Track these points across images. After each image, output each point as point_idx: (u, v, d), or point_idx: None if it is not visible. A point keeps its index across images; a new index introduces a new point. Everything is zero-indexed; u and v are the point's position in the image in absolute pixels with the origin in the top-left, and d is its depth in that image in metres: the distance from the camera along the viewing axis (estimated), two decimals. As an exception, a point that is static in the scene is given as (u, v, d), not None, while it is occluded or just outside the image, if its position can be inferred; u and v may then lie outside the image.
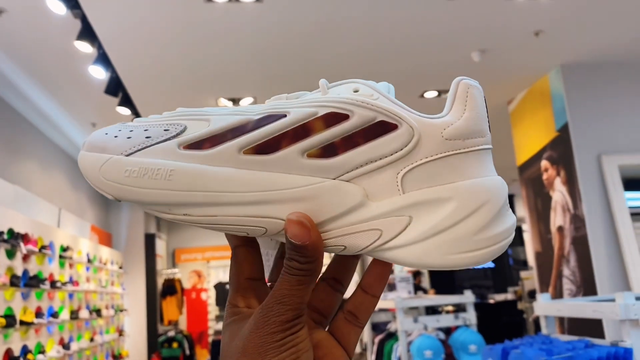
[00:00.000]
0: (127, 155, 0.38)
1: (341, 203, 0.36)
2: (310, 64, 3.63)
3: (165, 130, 0.39)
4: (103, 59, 3.31)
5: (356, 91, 0.38)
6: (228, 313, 0.40)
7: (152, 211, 0.39)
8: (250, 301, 0.40)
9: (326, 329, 0.42)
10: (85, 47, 3.14)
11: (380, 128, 0.36)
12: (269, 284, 0.43)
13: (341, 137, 0.36)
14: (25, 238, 3.52)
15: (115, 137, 0.39)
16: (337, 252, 0.38)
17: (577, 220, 3.56)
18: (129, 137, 0.39)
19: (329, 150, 0.36)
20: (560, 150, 3.76)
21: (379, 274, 0.40)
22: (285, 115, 0.37)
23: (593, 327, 3.24)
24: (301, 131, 0.36)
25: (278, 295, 0.36)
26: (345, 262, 0.42)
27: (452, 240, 0.35)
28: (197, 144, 0.38)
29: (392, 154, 0.36)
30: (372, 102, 0.37)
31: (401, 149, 0.36)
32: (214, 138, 0.37)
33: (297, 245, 0.35)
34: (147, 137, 0.39)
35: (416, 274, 7.28)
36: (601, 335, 3.08)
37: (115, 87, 3.63)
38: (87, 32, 3.01)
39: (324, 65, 3.66)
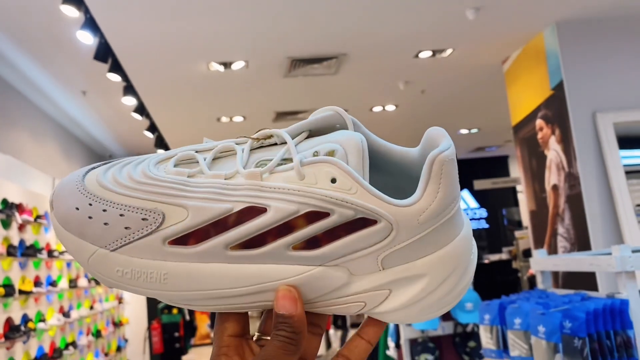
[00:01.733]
0: (112, 250, 0.40)
1: (328, 285, 0.39)
2: (302, 26, 3.57)
3: (143, 219, 0.39)
4: (91, 23, 3.23)
5: (334, 180, 0.38)
6: (217, 342, 0.42)
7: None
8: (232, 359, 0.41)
9: None
10: (71, 12, 3.06)
11: (360, 223, 0.38)
12: (255, 336, 0.44)
13: (323, 232, 0.38)
14: (19, 208, 3.50)
15: (90, 218, 0.40)
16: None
17: (572, 179, 3.58)
18: (105, 224, 0.40)
19: (312, 243, 0.38)
20: (555, 108, 3.74)
21: (376, 324, 0.43)
22: (265, 210, 0.38)
23: (587, 282, 3.29)
24: (284, 228, 0.38)
25: (264, 358, 0.38)
26: (360, 349, 0.44)
27: (426, 306, 0.41)
28: (182, 239, 0.39)
29: (372, 246, 0.38)
30: (351, 200, 0.38)
31: (380, 241, 0.38)
32: (198, 233, 0.39)
33: (285, 316, 0.38)
34: (126, 228, 0.39)
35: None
36: (595, 289, 3.13)
37: (104, 53, 3.56)
38: (73, -4, 2.93)
39: (316, 26, 3.60)
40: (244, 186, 0.39)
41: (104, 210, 0.40)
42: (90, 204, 0.40)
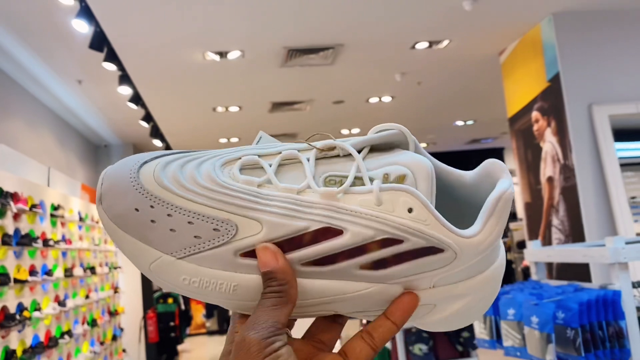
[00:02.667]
0: (180, 258, 0.39)
1: (385, 300, 0.42)
2: (299, 16, 3.55)
3: (215, 229, 0.39)
4: (86, 12, 3.21)
5: (410, 210, 0.39)
6: (228, 340, 0.42)
7: None
8: None
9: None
10: (66, 0, 3.04)
11: (428, 250, 0.40)
12: None
13: (392, 255, 0.40)
14: (14, 197, 3.49)
15: (153, 222, 0.39)
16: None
17: (567, 171, 3.59)
18: (172, 230, 0.39)
19: (380, 264, 0.40)
20: (551, 100, 3.75)
21: (404, 305, 0.42)
22: (342, 232, 0.39)
23: (580, 274, 3.31)
24: (357, 250, 0.39)
25: (254, 318, 0.38)
26: (328, 325, 0.45)
27: (461, 318, 0.45)
28: (255, 252, 0.39)
29: (434, 270, 0.41)
30: (425, 232, 0.39)
31: (442, 267, 0.41)
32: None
33: (267, 272, 0.38)
34: (195, 237, 0.39)
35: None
36: (589, 280, 3.15)
37: (99, 42, 3.54)
38: (68, -16, 2.91)
39: (313, 16, 3.58)
40: (319, 205, 0.39)
41: (169, 215, 0.39)
42: (152, 207, 0.39)
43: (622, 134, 3.64)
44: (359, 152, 0.42)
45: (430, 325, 0.45)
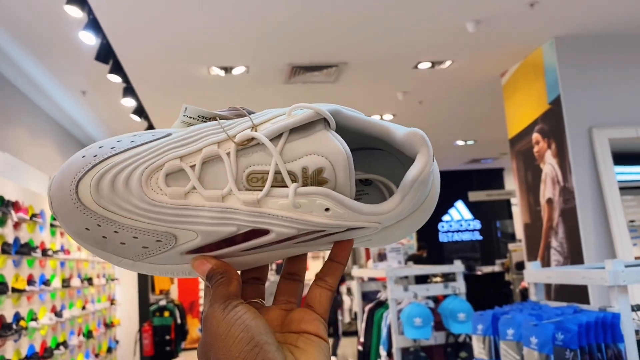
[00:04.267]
0: (137, 261, 0.45)
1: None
2: (303, 33, 3.60)
3: (157, 241, 0.44)
4: (93, 24, 3.25)
5: (327, 210, 0.42)
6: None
7: None
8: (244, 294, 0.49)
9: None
10: (75, 12, 3.08)
11: (350, 231, 0.45)
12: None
13: (320, 236, 0.45)
14: (15, 206, 3.50)
15: (104, 237, 0.44)
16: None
17: (567, 193, 3.60)
18: (122, 243, 0.44)
19: (311, 236, 0.45)
20: (552, 123, 3.78)
21: (343, 245, 0.48)
22: (268, 232, 0.43)
23: (578, 296, 3.31)
24: (286, 239, 0.45)
25: (210, 299, 0.44)
26: (295, 259, 0.51)
27: (409, 225, 0.49)
28: (197, 251, 0.45)
29: (363, 236, 0.47)
30: (344, 224, 0.44)
31: (370, 234, 0.47)
32: (210, 247, 0.45)
33: (207, 274, 0.45)
34: (143, 247, 0.44)
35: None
36: (587, 302, 3.14)
37: (105, 54, 3.58)
38: (77, -4, 2.95)
39: (317, 34, 3.62)
40: (243, 211, 0.43)
41: (116, 232, 0.43)
42: (99, 225, 0.43)
43: (622, 157, 3.66)
44: (280, 136, 0.43)
45: (385, 238, 0.48)
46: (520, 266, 6.25)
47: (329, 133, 0.43)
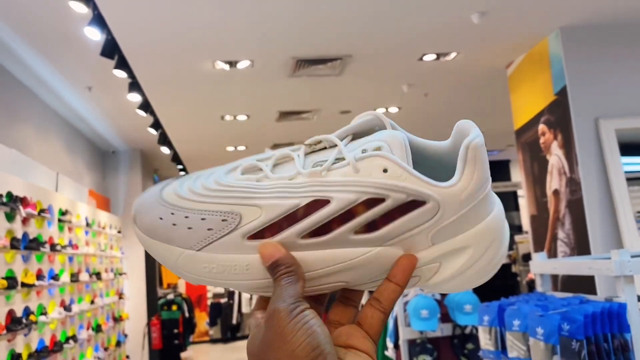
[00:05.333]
0: (198, 250, 0.45)
1: (388, 264, 0.45)
2: (308, 26, 3.59)
3: (223, 220, 0.45)
4: (98, 20, 3.26)
5: (385, 170, 0.43)
6: (253, 319, 0.46)
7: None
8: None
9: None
10: (79, 8, 3.09)
11: (412, 205, 0.43)
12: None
13: (380, 216, 0.43)
14: (24, 201, 3.53)
15: (174, 225, 0.45)
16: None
17: (573, 184, 3.59)
18: (189, 228, 0.45)
19: (371, 226, 0.44)
20: (558, 114, 3.76)
21: (403, 266, 0.45)
22: (329, 201, 0.43)
23: (586, 287, 3.30)
24: (347, 215, 0.43)
25: (276, 295, 0.43)
26: (344, 310, 0.49)
27: (471, 275, 0.45)
28: (259, 234, 0.44)
29: (423, 224, 0.43)
30: (402, 186, 0.43)
31: (430, 219, 0.43)
32: (272, 227, 0.44)
33: (273, 262, 0.43)
34: (208, 229, 0.45)
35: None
36: (594, 293, 3.14)
37: (111, 50, 3.59)
38: (82, -8, 2.96)
39: (322, 27, 3.62)
40: (307, 183, 0.44)
41: (186, 217, 0.45)
42: (173, 213, 0.46)
43: (629, 148, 3.64)
44: (343, 140, 0.47)
45: (444, 286, 0.46)
46: (527, 258, 6.25)
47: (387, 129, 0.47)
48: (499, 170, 9.95)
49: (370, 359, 0.45)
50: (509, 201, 10.05)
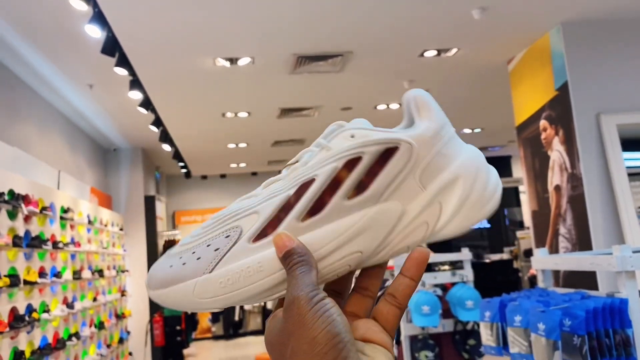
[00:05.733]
0: (211, 272, 0.45)
1: (390, 218, 0.45)
2: (308, 23, 3.59)
3: (226, 237, 0.46)
4: (99, 17, 3.25)
5: (352, 136, 0.46)
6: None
7: (259, 301, 0.46)
8: None
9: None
10: (80, 5, 3.09)
11: (387, 154, 0.45)
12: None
13: (364, 175, 0.45)
14: (25, 199, 3.53)
15: (184, 264, 0.46)
16: (403, 253, 0.47)
17: (575, 180, 3.59)
18: (198, 259, 0.46)
19: (360, 187, 0.45)
20: (559, 109, 3.75)
21: (416, 260, 0.46)
22: (314, 180, 0.45)
23: (587, 282, 3.31)
24: (334, 184, 0.45)
25: (293, 284, 0.43)
26: (369, 272, 0.49)
27: (473, 204, 0.46)
28: (263, 233, 0.45)
29: (404, 168, 0.45)
30: (372, 139, 0.46)
31: (408, 161, 0.45)
32: (272, 222, 0.46)
33: (287, 251, 0.44)
34: (215, 250, 0.46)
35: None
36: (595, 289, 3.14)
37: (111, 47, 3.59)
38: (82, -10, 2.95)
39: (322, 24, 3.61)
40: (291, 178, 0.47)
41: (193, 252, 0.47)
42: (181, 257, 0.47)
43: (630, 143, 3.64)
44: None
45: (451, 227, 0.46)
46: (528, 254, 6.25)
47: None
48: (500, 166, 9.95)
49: (389, 352, 0.45)
50: (511, 197, 10.04)
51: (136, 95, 4.58)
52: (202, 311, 0.47)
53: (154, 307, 6.87)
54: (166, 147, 6.60)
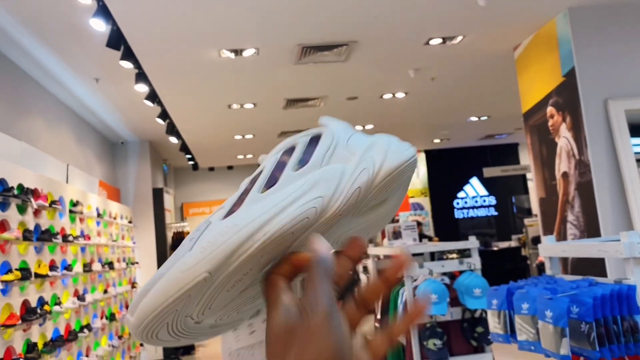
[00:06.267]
0: (190, 249, 0.48)
1: (336, 170, 0.52)
2: (313, 13, 3.57)
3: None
4: (103, 11, 3.26)
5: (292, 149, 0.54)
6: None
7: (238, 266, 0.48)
8: None
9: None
10: (85, -1, 3.09)
11: (314, 140, 0.54)
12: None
13: (303, 153, 0.53)
14: (35, 193, 3.56)
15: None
16: (355, 194, 0.52)
17: (582, 166, 3.57)
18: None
19: (302, 162, 0.53)
20: (566, 95, 3.73)
21: (355, 245, 0.50)
22: (262, 170, 0.53)
23: (595, 269, 3.30)
24: (280, 165, 0.53)
25: (311, 292, 0.44)
26: (371, 288, 0.50)
27: (395, 149, 0.54)
28: (231, 211, 0.50)
29: (331, 143, 0.54)
30: (303, 134, 0.54)
31: (333, 139, 0.54)
32: (238, 203, 0.50)
33: (306, 262, 0.46)
34: (189, 240, 0.49)
35: (418, 224, 7.36)
36: (604, 276, 3.14)
37: (116, 40, 3.59)
38: (86, -16, 2.95)
39: (327, 13, 3.60)
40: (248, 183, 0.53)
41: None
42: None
43: (638, 128, 3.61)
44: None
45: (388, 165, 0.52)
46: (536, 241, 6.24)
47: None
48: (508, 153, 9.89)
49: None
50: (518, 184, 10.00)
51: (142, 88, 4.59)
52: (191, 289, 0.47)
53: (164, 299, 6.92)
54: (173, 140, 6.62)
